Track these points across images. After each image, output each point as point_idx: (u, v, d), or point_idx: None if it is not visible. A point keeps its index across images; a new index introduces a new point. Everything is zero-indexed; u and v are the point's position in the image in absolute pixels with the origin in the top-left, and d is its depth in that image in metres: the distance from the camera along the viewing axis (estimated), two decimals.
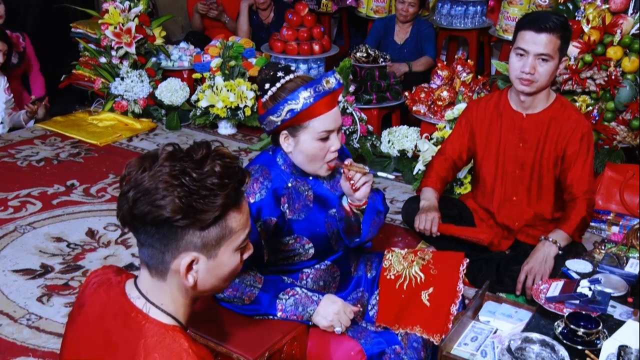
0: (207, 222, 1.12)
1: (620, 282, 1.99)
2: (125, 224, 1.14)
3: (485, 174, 2.69)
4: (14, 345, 2.29)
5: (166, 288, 1.18)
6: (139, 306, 1.17)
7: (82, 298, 1.27)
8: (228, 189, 1.12)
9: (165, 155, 1.11)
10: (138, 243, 1.18)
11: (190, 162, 1.11)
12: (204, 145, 1.14)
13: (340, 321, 1.82)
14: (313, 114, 1.77)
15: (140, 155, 1.15)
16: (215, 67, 4.33)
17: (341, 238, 1.92)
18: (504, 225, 2.68)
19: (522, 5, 4.70)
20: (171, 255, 1.14)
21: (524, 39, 2.38)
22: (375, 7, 5.61)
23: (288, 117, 1.75)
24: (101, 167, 3.78)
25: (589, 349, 1.68)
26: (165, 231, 1.11)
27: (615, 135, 3.34)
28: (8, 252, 2.87)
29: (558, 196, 2.62)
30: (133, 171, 1.12)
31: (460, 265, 2.01)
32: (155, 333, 1.13)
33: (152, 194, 1.08)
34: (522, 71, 2.40)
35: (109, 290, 1.23)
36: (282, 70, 1.80)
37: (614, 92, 3.31)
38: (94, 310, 1.22)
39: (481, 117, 2.65)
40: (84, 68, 4.74)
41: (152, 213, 1.09)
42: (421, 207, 2.64)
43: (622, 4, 3.29)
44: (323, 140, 1.80)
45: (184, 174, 1.09)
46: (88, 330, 1.21)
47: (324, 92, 1.75)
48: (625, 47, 3.30)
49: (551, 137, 2.51)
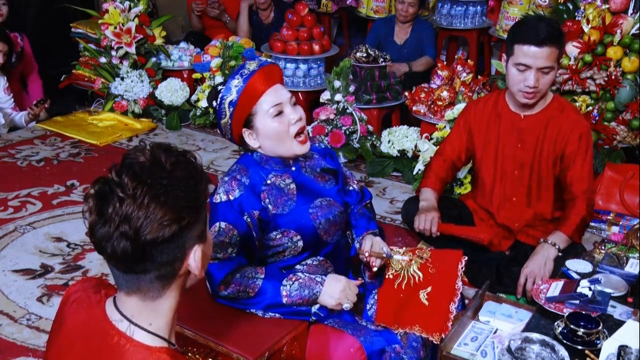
0: (200, 210, 1.13)
1: (620, 282, 2.00)
2: (129, 262, 1.08)
3: (485, 175, 2.69)
4: (14, 345, 2.29)
5: (160, 305, 1.15)
6: (122, 329, 1.13)
7: (61, 315, 1.24)
8: (197, 170, 1.13)
9: (126, 180, 1.06)
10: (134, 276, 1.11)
11: (149, 170, 1.08)
12: (142, 150, 1.11)
13: (347, 297, 1.83)
14: (253, 96, 1.81)
15: (88, 195, 1.08)
16: (215, 67, 4.33)
17: (330, 229, 1.92)
18: (504, 225, 2.68)
19: (522, 5, 4.70)
20: (180, 262, 1.13)
21: (524, 53, 2.33)
22: (375, 7, 5.61)
23: (232, 109, 1.80)
24: (101, 167, 3.78)
25: (589, 349, 1.68)
26: (175, 241, 1.10)
27: (615, 135, 3.34)
28: (8, 252, 2.88)
29: (558, 196, 2.62)
30: (105, 209, 1.05)
31: (458, 263, 2.01)
32: (139, 358, 1.10)
33: (149, 216, 1.04)
34: (527, 85, 2.37)
35: (89, 310, 1.19)
36: (221, 84, 1.87)
37: (614, 92, 3.31)
38: (74, 331, 1.19)
39: (479, 117, 2.65)
40: (84, 68, 4.74)
41: (163, 231, 1.06)
42: (420, 207, 2.64)
43: (622, 4, 3.29)
44: (279, 116, 1.83)
45: (159, 183, 1.07)
46: (70, 351, 1.18)
47: (251, 73, 1.80)
48: (625, 47, 3.30)
49: (549, 137, 2.51)
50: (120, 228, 1.04)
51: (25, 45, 4.41)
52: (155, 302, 1.14)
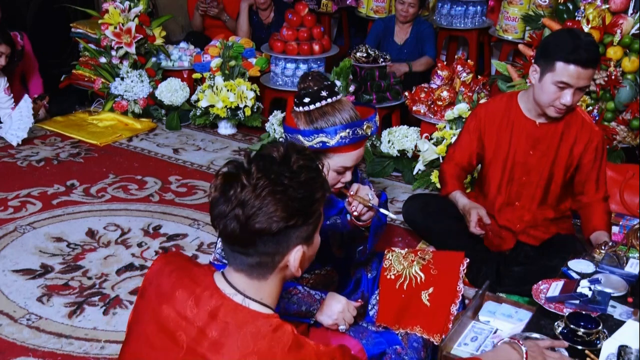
0: (311, 215, 1.21)
1: (620, 282, 1.99)
2: (235, 242, 1.18)
3: (491, 179, 2.68)
4: (14, 345, 2.29)
5: (266, 286, 1.23)
6: (237, 301, 1.20)
7: (159, 287, 1.28)
8: (319, 180, 1.21)
9: (254, 169, 1.16)
10: (239, 255, 1.20)
11: (277, 166, 1.17)
12: (278, 146, 1.21)
13: (345, 319, 1.82)
14: (340, 150, 1.78)
15: (219, 173, 1.19)
16: (215, 67, 4.33)
17: (342, 245, 1.92)
18: (505, 227, 2.68)
19: (522, 5, 4.70)
20: (281, 256, 1.21)
21: (569, 73, 2.29)
22: (375, 7, 5.61)
23: (318, 147, 1.75)
24: (101, 167, 3.78)
25: (589, 349, 1.68)
26: (280, 236, 1.18)
27: (615, 135, 3.34)
28: (8, 252, 2.87)
29: (562, 199, 2.64)
30: (227, 190, 1.15)
31: (460, 265, 2.00)
32: (258, 322, 1.17)
33: (263, 208, 1.14)
34: (563, 103, 2.36)
35: (196, 281, 1.24)
36: (326, 90, 1.78)
37: (614, 92, 3.31)
38: (180, 297, 1.23)
39: (490, 121, 2.63)
40: (84, 68, 4.74)
41: (270, 225, 1.15)
42: (464, 205, 2.61)
43: (622, 4, 3.29)
44: (338, 173, 1.82)
45: (280, 181, 1.15)
46: (172, 316, 1.22)
47: (361, 137, 1.76)
48: (625, 47, 3.30)
49: (565, 145, 2.52)
50: (235, 210, 1.14)
51: (26, 43, 4.40)
52: (260, 282, 1.23)
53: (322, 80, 1.80)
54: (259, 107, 4.40)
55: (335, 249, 1.92)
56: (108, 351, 2.27)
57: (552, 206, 2.64)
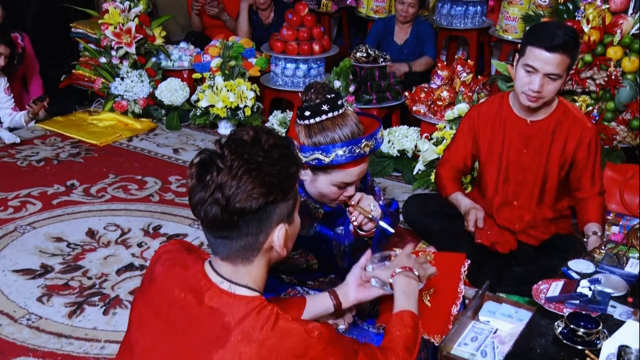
0: (289, 191, 1.23)
1: (620, 282, 1.99)
2: (218, 227, 1.20)
3: (487, 179, 2.68)
4: (14, 345, 2.29)
5: (252, 269, 1.26)
6: (224, 288, 1.23)
7: (152, 273, 1.34)
8: (291, 156, 1.23)
9: (227, 153, 1.18)
10: (222, 241, 1.22)
11: (249, 147, 1.20)
12: (247, 129, 1.23)
13: (344, 318, 1.82)
14: (339, 167, 1.73)
15: (193, 162, 1.22)
16: (215, 67, 4.33)
17: (345, 255, 1.91)
18: (504, 227, 2.68)
19: (522, 5, 4.70)
20: (265, 235, 1.23)
21: (534, 56, 2.33)
22: (375, 7, 5.61)
23: (314, 163, 1.72)
24: (101, 167, 3.78)
25: (589, 349, 1.68)
26: (261, 214, 1.20)
27: (615, 135, 3.34)
28: (8, 252, 2.87)
29: (559, 197, 2.63)
30: (204, 176, 1.17)
31: (461, 267, 2.00)
32: (244, 306, 1.19)
33: (241, 187, 1.16)
34: (530, 89, 2.38)
35: (186, 269, 1.29)
36: (328, 103, 1.71)
37: (614, 92, 3.31)
38: (169, 286, 1.27)
39: (483, 122, 2.64)
40: (84, 68, 4.74)
41: (250, 202, 1.17)
42: (465, 206, 2.62)
43: (622, 4, 3.29)
44: (339, 188, 1.78)
45: (254, 159, 1.18)
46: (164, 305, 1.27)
47: (359, 155, 1.71)
48: (625, 47, 3.30)
49: (557, 142, 2.52)
50: (214, 195, 1.16)
51: (26, 44, 4.40)
52: (246, 267, 1.25)
53: (325, 92, 1.75)
54: (259, 107, 4.40)
55: (339, 259, 1.91)
56: (108, 351, 2.27)
57: (549, 205, 2.65)
